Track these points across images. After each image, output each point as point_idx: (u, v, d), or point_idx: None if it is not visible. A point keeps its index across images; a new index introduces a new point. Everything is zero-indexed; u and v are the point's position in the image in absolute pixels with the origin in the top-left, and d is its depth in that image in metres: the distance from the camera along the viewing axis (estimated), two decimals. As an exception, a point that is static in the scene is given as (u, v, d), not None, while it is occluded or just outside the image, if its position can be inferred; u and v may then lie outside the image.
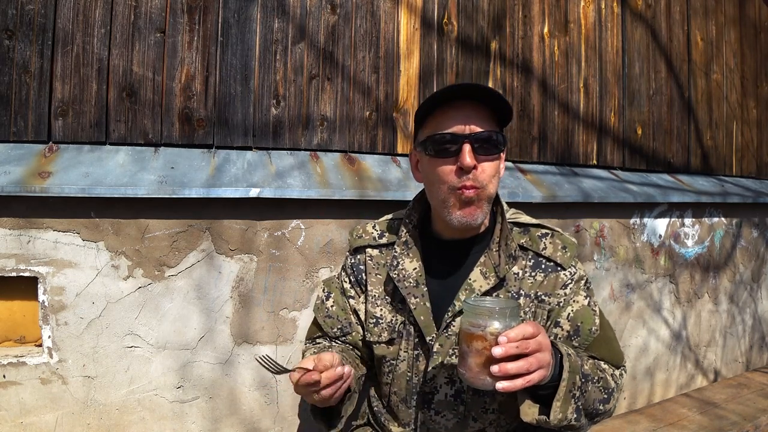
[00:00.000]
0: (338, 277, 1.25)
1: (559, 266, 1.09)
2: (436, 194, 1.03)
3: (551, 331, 1.08)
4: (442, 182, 1.00)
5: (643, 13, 2.57)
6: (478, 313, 0.83)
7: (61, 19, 1.52)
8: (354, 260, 1.21)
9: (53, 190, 1.41)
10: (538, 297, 1.08)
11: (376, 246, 1.18)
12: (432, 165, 1.02)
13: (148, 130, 1.62)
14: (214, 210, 1.61)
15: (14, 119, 1.50)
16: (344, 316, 1.19)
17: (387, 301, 1.13)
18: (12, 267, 1.44)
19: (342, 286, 1.22)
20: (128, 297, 1.54)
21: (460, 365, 0.86)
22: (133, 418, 1.56)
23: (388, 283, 1.14)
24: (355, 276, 1.20)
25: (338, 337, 1.20)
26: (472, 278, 1.07)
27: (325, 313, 1.21)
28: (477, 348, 0.82)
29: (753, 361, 3.03)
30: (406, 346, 1.11)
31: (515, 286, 1.08)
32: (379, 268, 1.16)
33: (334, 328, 1.19)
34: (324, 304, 1.22)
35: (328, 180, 1.71)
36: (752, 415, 2.33)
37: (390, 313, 1.13)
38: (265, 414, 1.71)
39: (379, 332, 1.13)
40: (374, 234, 1.20)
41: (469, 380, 0.85)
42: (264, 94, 1.74)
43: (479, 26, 2.11)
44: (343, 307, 1.20)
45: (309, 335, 1.26)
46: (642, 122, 2.57)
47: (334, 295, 1.22)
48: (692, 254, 2.66)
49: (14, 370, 1.45)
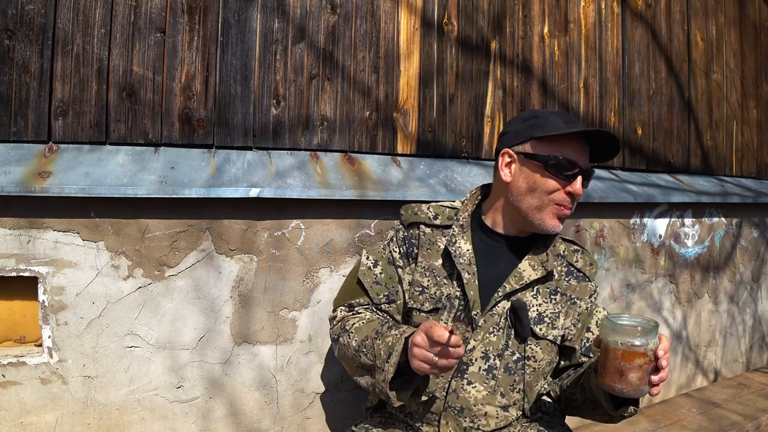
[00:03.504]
0: (384, 247, 1.33)
1: (587, 278, 1.28)
2: (532, 200, 1.17)
3: (584, 335, 1.26)
4: (546, 193, 1.15)
5: (643, 13, 2.57)
6: (638, 332, 0.92)
7: (61, 19, 1.52)
8: (407, 233, 1.30)
9: (53, 190, 1.41)
10: (571, 298, 1.25)
11: (429, 225, 1.28)
12: (542, 177, 1.16)
13: (148, 130, 1.62)
14: (214, 210, 1.61)
15: (14, 119, 1.50)
16: (392, 284, 1.29)
17: (434, 274, 1.23)
18: (12, 267, 1.44)
19: (391, 255, 1.30)
20: (128, 297, 1.54)
21: (615, 381, 0.94)
22: (133, 418, 1.56)
23: (443, 259, 1.24)
24: (407, 247, 1.28)
25: (381, 304, 1.28)
26: (521, 268, 1.20)
27: (373, 279, 1.29)
28: (638, 363, 0.91)
29: (753, 361, 3.03)
30: (447, 317, 1.20)
31: (555, 283, 1.24)
32: (430, 245, 1.26)
33: (380, 294, 1.28)
34: (371, 270, 1.30)
35: (328, 180, 1.71)
36: (752, 415, 2.33)
37: (434, 285, 1.22)
38: (265, 414, 1.71)
39: (422, 300, 1.23)
40: (429, 214, 1.29)
41: (625, 392, 0.94)
42: (264, 94, 1.74)
43: (479, 26, 2.11)
44: (390, 275, 1.29)
45: (344, 299, 1.34)
46: (642, 122, 2.57)
47: (381, 264, 1.30)
48: (692, 254, 2.66)
49: (14, 370, 1.45)
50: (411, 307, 1.24)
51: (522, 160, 1.19)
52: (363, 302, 1.30)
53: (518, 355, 1.18)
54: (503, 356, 1.17)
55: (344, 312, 1.31)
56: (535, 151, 1.16)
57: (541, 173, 1.15)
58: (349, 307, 1.31)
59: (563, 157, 1.13)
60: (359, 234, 1.80)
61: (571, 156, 1.14)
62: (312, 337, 1.76)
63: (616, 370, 0.93)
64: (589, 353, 1.25)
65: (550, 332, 1.20)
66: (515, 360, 1.18)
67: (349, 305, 1.32)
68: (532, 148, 1.17)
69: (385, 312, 1.28)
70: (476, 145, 2.12)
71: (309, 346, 1.76)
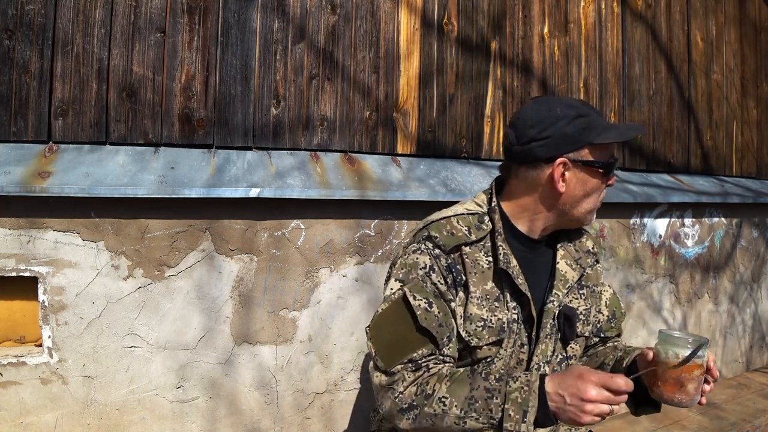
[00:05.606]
0: (423, 279, 1.10)
1: (596, 260, 1.27)
2: (587, 204, 1.14)
3: (596, 316, 1.23)
4: (599, 195, 1.15)
5: (643, 14, 2.57)
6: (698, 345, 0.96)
7: (61, 19, 1.52)
8: (450, 260, 1.11)
9: (53, 190, 1.41)
10: (592, 288, 1.24)
11: (469, 243, 1.12)
12: (596, 180, 1.13)
13: (148, 130, 1.62)
14: (214, 210, 1.61)
15: (14, 119, 1.50)
16: (449, 323, 1.09)
17: (488, 299, 1.11)
18: (12, 267, 1.44)
19: (436, 289, 1.10)
20: (128, 297, 1.54)
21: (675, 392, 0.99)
22: (133, 418, 1.56)
23: (494, 280, 1.12)
24: (453, 277, 1.11)
25: (444, 346, 1.08)
26: (561, 270, 1.17)
27: (437, 322, 1.07)
28: (696, 375, 0.97)
29: (753, 361, 3.03)
30: (506, 344, 1.11)
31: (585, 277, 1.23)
32: (476, 267, 1.12)
33: (443, 337, 1.07)
34: (429, 312, 1.07)
35: (328, 180, 1.71)
36: (752, 416, 2.33)
37: (489, 311, 1.10)
38: (265, 414, 1.71)
39: (486, 335, 1.09)
40: (463, 230, 1.13)
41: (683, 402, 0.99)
42: (264, 95, 1.74)
43: (479, 26, 2.11)
44: (445, 313, 1.09)
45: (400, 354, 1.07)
46: (642, 122, 2.57)
47: (435, 302, 1.08)
48: (692, 254, 2.66)
49: (14, 370, 1.45)
50: (473, 346, 1.09)
51: (579, 167, 1.10)
52: (426, 353, 1.06)
53: (561, 356, 1.17)
54: (550, 362, 1.16)
55: (412, 373, 1.05)
56: (595, 158, 1.10)
57: (596, 177, 1.11)
58: (415, 365, 1.06)
59: (612, 159, 1.12)
60: (359, 234, 1.80)
61: (612, 157, 1.13)
62: (312, 337, 1.76)
63: (677, 381, 0.98)
64: (600, 333, 1.24)
65: (586, 329, 1.20)
66: (559, 362, 1.17)
67: (413, 362, 1.06)
68: (591, 154, 1.10)
69: (447, 356, 1.10)
70: (476, 145, 2.12)
71: (309, 346, 1.76)
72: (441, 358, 1.09)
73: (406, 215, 1.86)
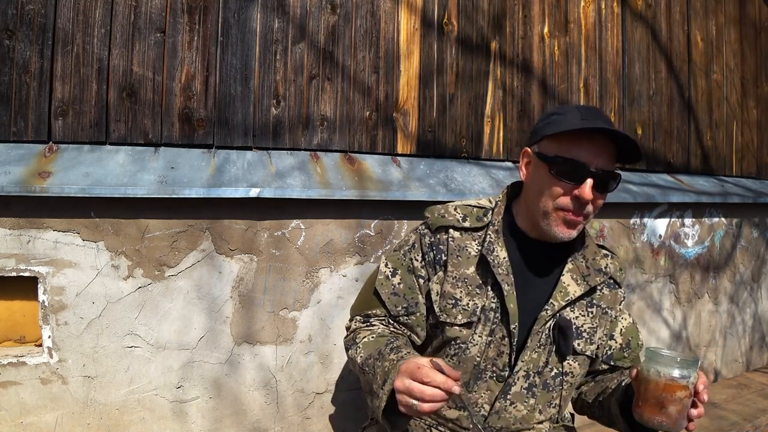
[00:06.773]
0: (405, 253, 1.19)
1: (617, 285, 1.22)
2: (539, 204, 1.08)
3: (607, 343, 1.20)
4: (551, 198, 1.06)
5: (643, 13, 2.57)
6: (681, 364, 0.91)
7: (61, 19, 1.52)
8: (434, 239, 1.17)
9: (53, 190, 1.41)
10: (604, 309, 1.19)
11: (459, 228, 1.16)
12: (548, 179, 1.06)
13: (148, 130, 1.62)
14: (214, 210, 1.61)
15: (14, 119, 1.50)
16: (411, 295, 1.16)
17: (467, 284, 1.13)
18: (12, 267, 1.44)
19: (411, 264, 1.17)
20: (128, 297, 1.54)
21: (655, 413, 0.92)
22: (133, 418, 1.56)
23: (477, 267, 1.14)
24: (435, 254, 1.16)
25: (399, 316, 1.17)
26: (564, 282, 1.13)
27: (390, 289, 1.17)
28: (680, 396, 0.90)
29: (753, 361, 3.03)
30: (481, 331, 1.11)
31: (597, 297, 1.18)
32: (460, 251, 1.15)
33: (398, 306, 1.16)
34: (389, 280, 1.18)
35: (328, 180, 1.71)
36: (752, 415, 2.33)
37: (467, 296, 1.12)
38: (266, 414, 1.71)
39: (456, 314, 1.12)
40: (457, 216, 1.17)
41: (664, 426, 0.92)
42: (264, 94, 1.74)
43: (479, 26, 2.11)
44: (410, 286, 1.17)
45: (360, 309, 1.22)
46: (642, 122, 2.57)
47: (401, 273, 1.18)
48: (692, 254, 2.66)
49: (14, 370, 1.45)
50: (443, 321, 1.13)
51: (535, 159, 1.09)
52: (380, 314, 1.18)
53: (556, 371, 1.14)
54: (542, 373, 1.13)
55: (358, 323, 1.21)
56: (543, 151, 1.07)
57: (547, 175, 1.05)
58: (365, 318, 1.20)
59: (569, 157, 1.02)
60: (359, 234, 1.80)
61: (580, 157, 1.02)
62: (312, 337, 1.76)
63: (657, 401, 0.91)
64: (611, 361, 1.20)
65: (588, 347, 1.16)
66: (553, 376, 1.14)
67: (365, 316, 1.20)
68: (544, 147, 1.07)
69: (404, 325, 1.17)
70: (476, 145, 2.12)
71: (309, 346, 1.76)
72: (391, 322, 1.18)
73: (406, 215, 1.86)
